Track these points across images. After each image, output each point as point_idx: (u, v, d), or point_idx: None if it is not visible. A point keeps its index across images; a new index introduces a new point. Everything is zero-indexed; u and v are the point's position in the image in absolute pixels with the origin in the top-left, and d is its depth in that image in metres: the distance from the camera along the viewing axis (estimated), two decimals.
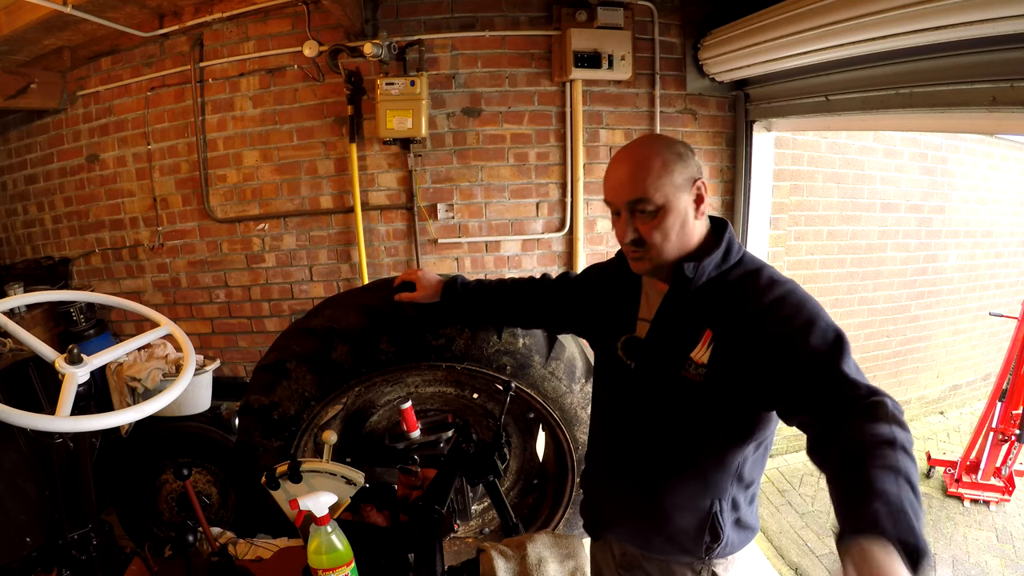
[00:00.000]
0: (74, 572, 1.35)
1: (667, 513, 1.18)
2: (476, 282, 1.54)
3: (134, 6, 2.64)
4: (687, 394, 1.09)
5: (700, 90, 2.98)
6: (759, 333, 1.01)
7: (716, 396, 1.07)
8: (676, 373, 1.09)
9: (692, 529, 1.17)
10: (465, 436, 1.67)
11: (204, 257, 3.10)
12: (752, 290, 1.05)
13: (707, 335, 1.06)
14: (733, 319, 1.04)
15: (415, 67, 2.74)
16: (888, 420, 0.84)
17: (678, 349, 1.10)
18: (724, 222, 1.16)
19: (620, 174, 1.09)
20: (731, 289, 1.07)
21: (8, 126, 3.26)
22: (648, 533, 1.22)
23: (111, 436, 2.46)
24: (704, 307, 1.08)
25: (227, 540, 1.48)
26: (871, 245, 3.77)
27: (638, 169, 1.07)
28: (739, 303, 1.05)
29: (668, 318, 1.13)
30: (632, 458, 1.22)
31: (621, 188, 1.09)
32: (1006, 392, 3.19)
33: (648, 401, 1.17)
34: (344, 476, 1.23)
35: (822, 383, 0.93)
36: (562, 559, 1.19)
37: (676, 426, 1.14)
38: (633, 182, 1.07)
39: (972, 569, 2.83)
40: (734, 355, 1.04)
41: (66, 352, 1.30)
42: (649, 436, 1.18)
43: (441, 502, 1.27)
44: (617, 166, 1.10)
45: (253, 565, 1.40)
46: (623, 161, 1.10)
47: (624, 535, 1.30)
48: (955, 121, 1.98)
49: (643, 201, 1.07)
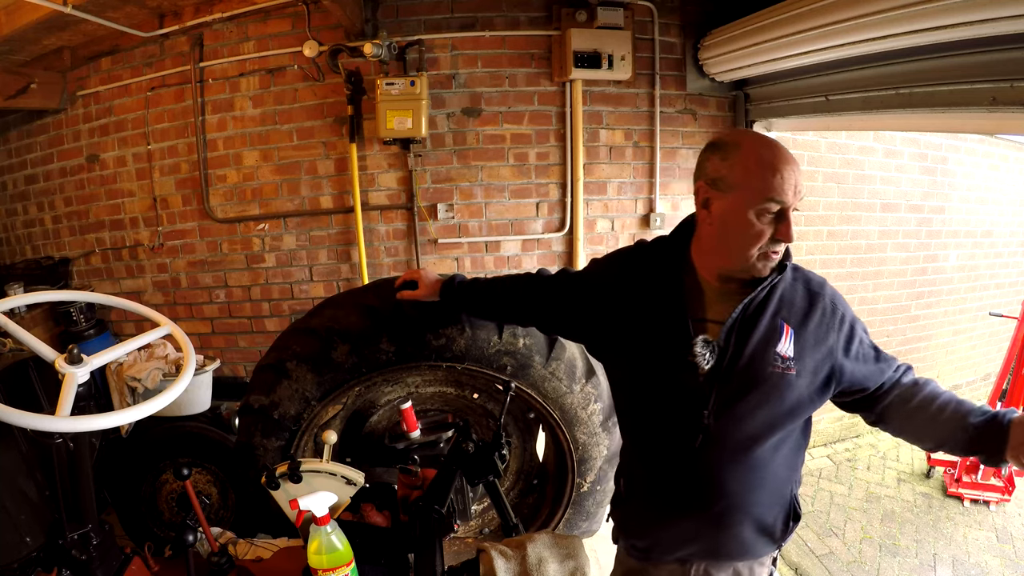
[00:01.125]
0: (74, 572, 1.35)
1: (757, 514, 1.16)
2: (472, 280, 1.51)
3: (134, 6, 2.64)
4: (781, 389, 1.11)
5: (700, 90, 2.98)
6: (823, 326, 1.13)
7: (805, 386, 1.11)
8: (767, 370, 1.10)
9: (780, 520, 1.20)
10: (465, 436, 1.67)
11: (204, 257, 3.10)
12: (809, 288, 1.16)
13: (787, 329, 1.11)
14: (801, 314, 1.13)
15: (415, 67, 2.74)
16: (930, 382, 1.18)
17: (766, 346, 1.11)
18: None
19: (795, 174, 1.05)
20: (793, 286, 1.16)
21: (8, 126, 3.26)
22: (729, 542, 1.18)
23: (111, 436, 2.45)
24: (775, 302, 1.13)
25: (227, 540, 1.48)
26: (871, 245, 3.77)
27: (797, 170, 1.06)
28: (802, 300, 1.14)
29: (754, 316, 1.12)
30: (719, 469, 1.14)
31: (797, 187, 1.05)
32: (1006, 392, 3.19)
33: (734, 403, 1.10)
34: (344, 476, 1.23)
35: (881, 365, 1.17)
36: (562, 559, 1.19)
37: (767, 422, 1.12)
38: (797, 183, 1.06)
39: (972, 569, 2.83)
40: (809, 347, 1.12)
41: (66, 352, 1.30)
42: (734, 439, 1.12)
43: (441, 502, 1.27)
44: (784, 166, 1.04)
45: (253, 565, 1.40)
46: (789, 161, 1.05)
47: (695, 554, 1.23)
48: (955, 121, 1.99)
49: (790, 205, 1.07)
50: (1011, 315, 3.36)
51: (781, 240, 1.06)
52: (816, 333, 1.12)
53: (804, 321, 1.13)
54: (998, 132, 3.59)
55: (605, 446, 1.91)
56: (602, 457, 1.92)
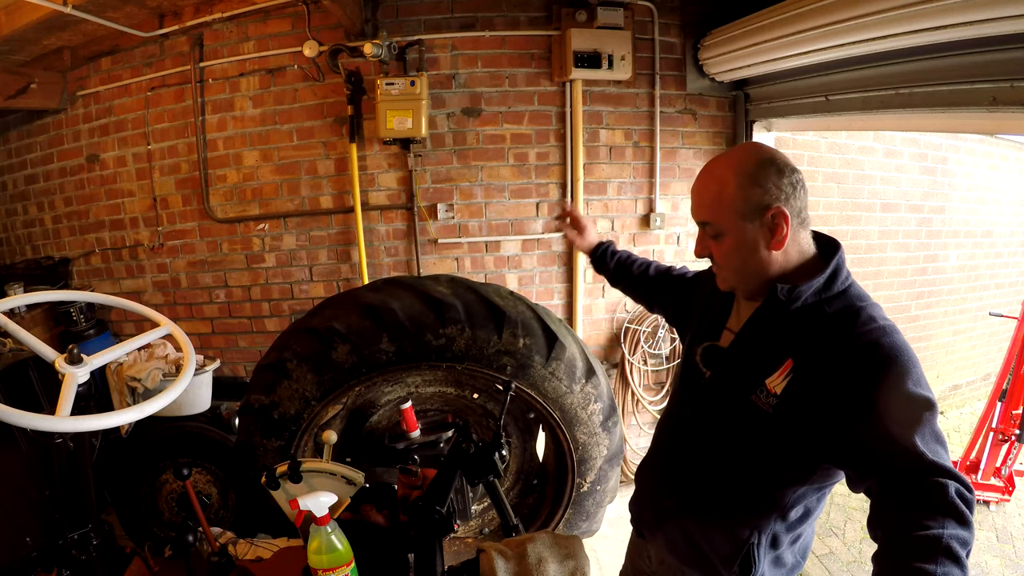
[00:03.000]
0: (74, 572, 1.35)
1: (703, 531, 1.14)
2: (622, 251, 1.67)
3: (134, 6, 2.64)
4: (751, 420, 1.03)
5: (700, 90, 2.98)
6: (840, 377, 0.91)
7: (779, 431, 0.99)
8: (746, 395, 1.03)
9: (725, 555, 1.11)
10: (465, 436, 1.67)
11: (204, 257, 3.10)
12: (846, 328, 0.94)
13: (788, 364, 0.98)
14: (818, 355, 0.95)
15: (415, 67, 2.74)
16: (944, 511, 0.77)
17: (755, 371, 1.02)
18: (835, 244, 1.06)
19: (694, 189, 1.06)
20: (826, 322, 0.97)
21: (8, 126, 3.26)
22: (685, 546, 1.19)
23: (111, 436, 2.46)
24: (793, 334, 0.99)
25: (227, 540, 1.48)
26: (871, 245, 3.77)
27: (704, 189, 1.03)
28: (829, 339, 0.95)
29: (752, 337, 1.06)
30: (683, 465, 1.19)
31: (693, 205, 1.06)
32: (1006, 392, 3.19)
33: (712, 415, 1.12)
34: (344, 476, 1.23)
35: (889, 452, 0.85)
36: (562, 559, 1.18)
37: (731, 448, 1.08)
38: (699, 202, 1.04)
39: (972, 569, 2.83)
40: (810, 393, 0.95)
41: (66, 352, 1.30)
42: (704, 449, 1.14)
43: (441, 502, 1.27)
44: (696, 179, 1.06)
45: (253, 565, 1.40)
46: (700, 175, 1.05)
47: (664, 542, 1.26)
48: (955, 121, 1.98)
49: (705, 224, 1.04)
50: (1011, 315, 3.36)
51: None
52: (830, 386, 0.93)
53: (819, 366, 0.95)
54: (998, 132, 3.59)
55: (605, 446, 1.91)
56: (602, 457, 1.92)
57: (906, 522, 0.79)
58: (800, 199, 1.00)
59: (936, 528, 0.76)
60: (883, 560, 0.81)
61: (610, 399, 1.90)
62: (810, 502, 1.08)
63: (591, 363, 1.83)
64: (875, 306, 0.99)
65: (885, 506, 0.84)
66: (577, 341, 1.86)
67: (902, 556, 0.77)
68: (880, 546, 0.83)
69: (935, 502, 0.79)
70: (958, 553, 0.75)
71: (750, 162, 0.99)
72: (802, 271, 1.02)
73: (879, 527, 0.85)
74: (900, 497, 0.82)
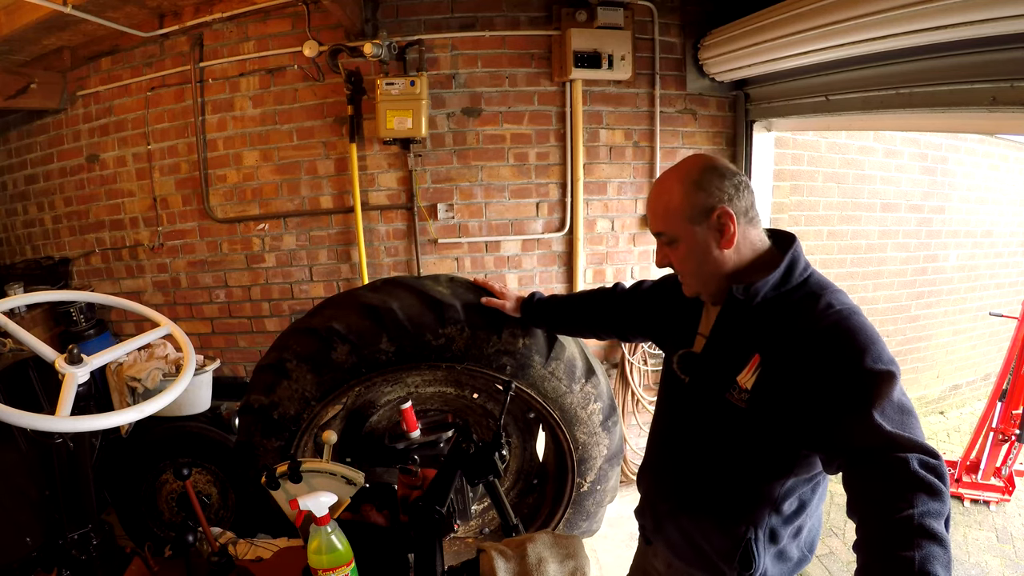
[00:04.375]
0: (74, 572, 1.35)
1: (701, 530, 1.17)
2: (550, 297, 1.64)
3: (134, 6, 2.64)
4: (728, 418, 1.06)
5: (700, 90, 2.98)
6: (803, 363, 0.94)
7: (755, 425, 1.02)
8: (721, 395, 1.07)
9: (724, 552, 1.13)
10: (465, 436, 1.67)
11: (204, 257, 3.10)
12: (806, 316, 0.97)
13: (755, 360, 1.01)
14: (782, 345, 0.98)
15: (415, 67, 2.74)
16: (911, 486, 0.78)
17: (726, 371, 1.06)
18: (790, 239, 1.08)
19: (647, 203, 1.13)
20: (787, 314, 1.00)
21: (8, 126, 3.26)
22: (687, 547, 1.22)
23: (111, 436, 2.46)
24: (757, 330, 1.03)
25: (227, 540, 1.48)
26: (871, 245, 3.77)
27: (655, 201, 1.10)
28: (790, 329, 0.98)
29: (721, 338, 1.11)
30: (675, 468, 1.23)
31: (649, 218, 1.13)
32: (1006, 392, 3.19)
33: (694, 418, 1.17)
34: (344, 476, 1.23)
35: (849, 430, 0.86)
36: (562, 559, 1.19)
37: (715, 447, 1.12)
38: (653, 213, 1.11)
39: (972, 569, 2.83)
40: (778, 384, 0.98)
41: (66, 352, 1.30)
42: (691, 451, 1.18)
43: (441, 502, 1.27)
44: (649, 194, 1.14)
45: (253, 565, 1.40)
46: (652, 189, 1.12)
47: (666, 544, 1.28)
48: (955, 121, 1.98)
49: (660, 234, 1.10)
50: (1011, 315, 3.36)
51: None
52: (795, 373, 0.96)
53: (784, 356, 0.98)
54: (998, 132, 3.59)
55: (605, 446, 1.91)
56: (602, 457, 1.92)
57: (877, 505, 0.80)
58: (745, 199, 1.05)
59: (906, 508, 0.76)
60: (863, 550, 0.82)
61: (610, 399, 1.90)
62: (804, 494, 1.10)
63: (591, 363, 1.84)
64: (836, 292, 1.01)
65: (855, 488, 0.86)
66: (577, 341, 1.86)
67: (879, 545, 0.78)
68: (858, 535, 0.84)
69: (900, 478, 0.79)
70: (933, 528, 0.75)
71: (694, 170, 1.05)
72: (758, 267, 1.06)
73: (854, 511, 0.86)
74: (866, 477, 0.84)
